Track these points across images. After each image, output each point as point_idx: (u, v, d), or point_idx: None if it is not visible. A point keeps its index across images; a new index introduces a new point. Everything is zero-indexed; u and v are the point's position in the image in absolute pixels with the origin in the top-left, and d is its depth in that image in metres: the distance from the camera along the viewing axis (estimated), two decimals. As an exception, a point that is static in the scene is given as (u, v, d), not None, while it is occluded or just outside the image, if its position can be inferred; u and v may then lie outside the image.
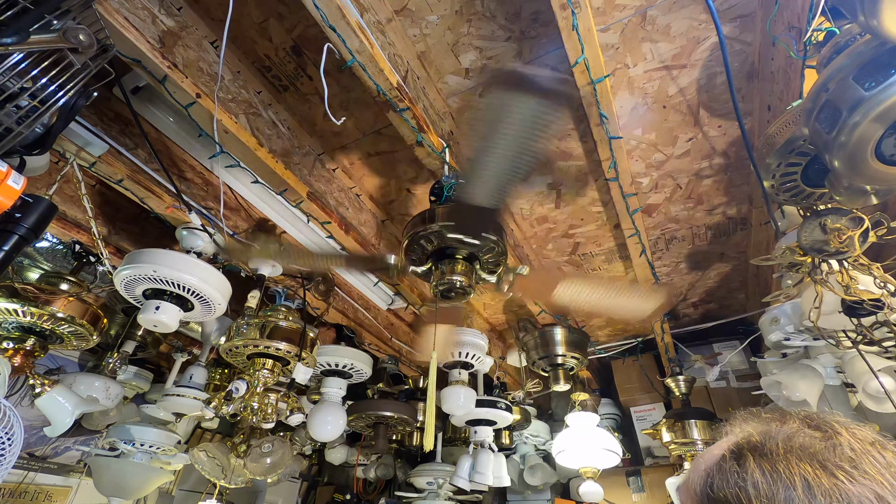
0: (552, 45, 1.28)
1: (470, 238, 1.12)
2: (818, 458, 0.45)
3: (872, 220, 0.96)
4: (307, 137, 1.61)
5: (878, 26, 0.61)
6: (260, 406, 1.63)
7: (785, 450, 0.47)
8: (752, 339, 2.37)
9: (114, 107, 1.32)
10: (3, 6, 0.69)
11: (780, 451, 0.47)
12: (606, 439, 2.23)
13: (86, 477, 2.29)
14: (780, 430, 0.50)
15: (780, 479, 0.45)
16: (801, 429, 0.49)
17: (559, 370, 2.26)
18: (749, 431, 0.52)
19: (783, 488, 0.44)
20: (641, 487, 2.69)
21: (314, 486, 3.54)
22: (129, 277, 1.29)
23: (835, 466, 0.44)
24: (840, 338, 1.27)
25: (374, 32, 1.15)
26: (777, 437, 0.49)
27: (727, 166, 1.67)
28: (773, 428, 0.51)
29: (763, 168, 0.98)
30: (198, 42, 1.23)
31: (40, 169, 1.19)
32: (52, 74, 0.77)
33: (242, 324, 1.59)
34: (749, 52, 1.30)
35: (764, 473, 0.46)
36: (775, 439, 0.49)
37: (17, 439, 1.01)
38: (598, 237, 2.06)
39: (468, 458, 2.24)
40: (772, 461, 0.47)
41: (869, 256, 1.03)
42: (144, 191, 1.37)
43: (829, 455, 0.45)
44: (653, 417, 2.87)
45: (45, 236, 1.60)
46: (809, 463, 0.45)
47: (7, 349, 1.38)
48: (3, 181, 0.78)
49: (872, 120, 0.64)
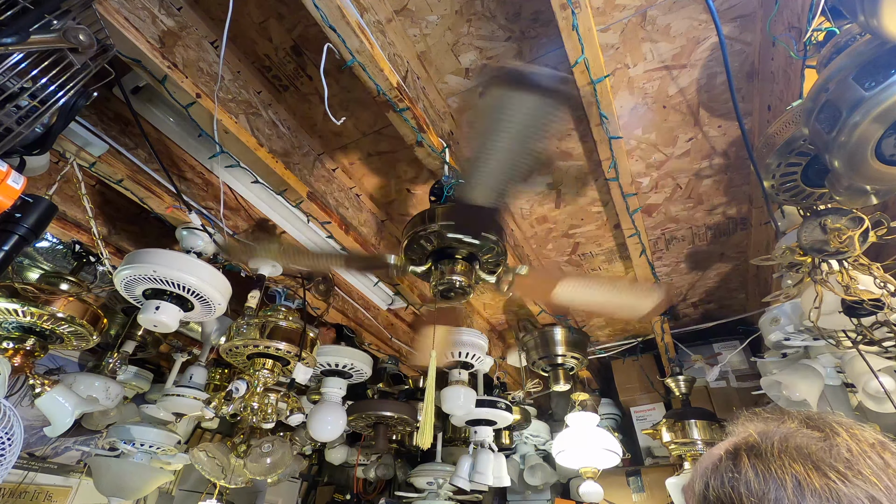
0: (552, 45, 1.28)
1: (469, 238, 1.12)
2: (812, 459, 0.45)
3: (872, 220, 0.96)
4: (307, 137, 1.61)
5: (878, 26, 0.61)
6: (260, 406, 1.63)
7: (780, 450, 0.47)
8: (752, 339, 2.37)
9: (114, 107, 1.32)
10: (3, 6, 0.69)
11: (775, 451, 0.47)
12: (606, 439, 2.23)
13: (86, 477, 2.29)
14: (777, 430, 0.50)
15: (771, 478, 0.45)
16: (799, 429, 0.49)
17: (559, 370, 2.26)
18: (749, 431, 0.52)
19: (773, 488, 0.44)
20: (641, 487, 2.69)
21: (314, 486, 3.54)
22: (129, 277, 1.29)
23: (828, 467, 0.44)
24: (840, 338, 1.27)
25: (374, 32, 1.15)
26: (773, 437, 0.49)
27: (727, 166, 1.67)
28: (771, 428, 0.51)
29: (763, 168, 0.98)
30: (198, 42, 1.23)
31: (40, 169, 1.19)
32: (52, 74, 0.77)
33: (242, 324, 1.59)
34: (749, 52, 1.30)
35: (757, 473, 0.46)
36: (771, 439, 0.49)
37: (17, 439, 1.01)
38: (598, 237, 2.06)
39: (468, 458, 2.24)
40: (765, 461, 0.47)
41: (869, 256, 1.03)
42: (144, 191, 1.37)
43: (823, 456, 0.45)
44: (653, 417, 2.87)
45: (45, 236, 1.60)
46: (802, 463, 0.45)
47: (7, 349, 1.38)
48: (3, 181, 0.78)
49: (872, 120, 0.64)
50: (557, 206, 1.90)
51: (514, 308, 2.57)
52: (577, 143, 1.59)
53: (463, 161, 1.32)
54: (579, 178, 1.75)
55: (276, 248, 1.38)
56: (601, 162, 1.48)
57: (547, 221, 1.99)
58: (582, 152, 1.63)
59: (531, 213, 1.95)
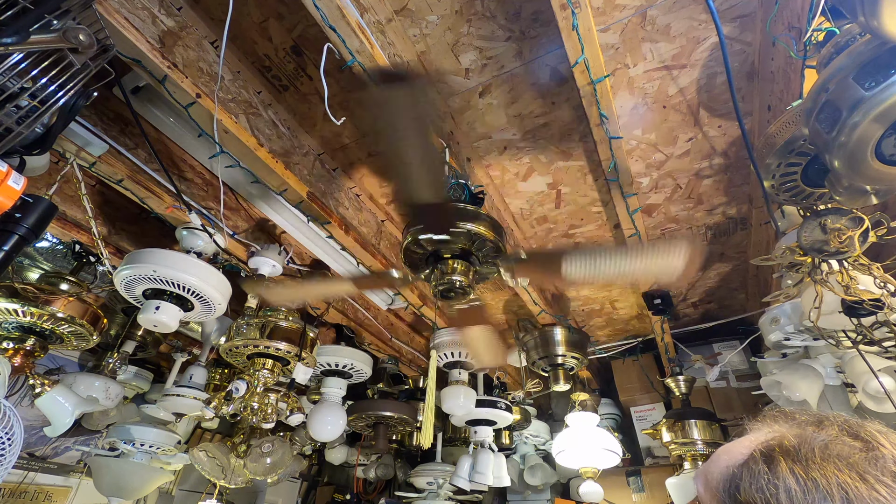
0: (552, 45, 1.28)
1: (438, 235, 1.12)
2: (857, 470, 0.42)
3: (872, 220, 0.96)
4: (307, 137, 1.61)
5: (878, 26, 0.61)
6: (260, 406, 1.63)
7: (822, 458, 0.44)
8: (752, 339, 2.37)
9: (114, 107, 1.32)
10: (3, 6, 0.69)
11: (817, 458, 0.44)
12: (606, 439, 2.23)
13: (86, 477, 2.29)
14: (816, 436, 0.47)
15: (816, 488, 0.42)
16: (839, 436, 0.47)
17: (559, 370, 2.26)
18: (781, 433, 0.50)
19: (820, 499, 0.41)
20: (641, 487, 2.69)
21: (314, 486, 3.54)
22: (129, 277, 1.29)
23: (875, 480, 0.41)
24: (840, 338, 1.27)
25: (374, 32, 1.15)
26: (814, 444, 0.46)
27: (727, 166, 1.67)
28: (809, 433, 0.48)
29: (763, 168, 0.98)
30: (198, 42, 1.23)
31: (40, 169, 1.19)
32: (52, 74, 0.77)
33: (242, 324, 1.59)
34: (749, 52, 1.30)
35: (798, 481, 0.43)
36: (811, 445, 0.46)
37: (17, 439, 1.01)
38: (598, 237, 2.06)
39: (468, 458, 2.24)
40: (806, 468, 0.44)
41: (869, 256, 1.03)
42: (144, 191, 1.37)
43: (868, 467, 0.43)
44: (653, 417, 2.87)
45: (45, 236, 1.60)
46: (849, 474, 0.42)
47: (7, 349, 1.38)
48: (4, 181, 0.78)
49: (872, 120, 0.64)
50: (557, 206, 1.90)
51: (514, 308, 2.57)
52: (578, 143, 1.59)
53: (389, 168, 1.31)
54: (579, 177, 1.75)
55: (297, 289, 1.38)
56: (601, 162, 1.48)
57: (547, 221, 1.99)
58: (582, 152, 1.63)
59: (531, 213, 1.95)
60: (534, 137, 1.58)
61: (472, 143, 1.61)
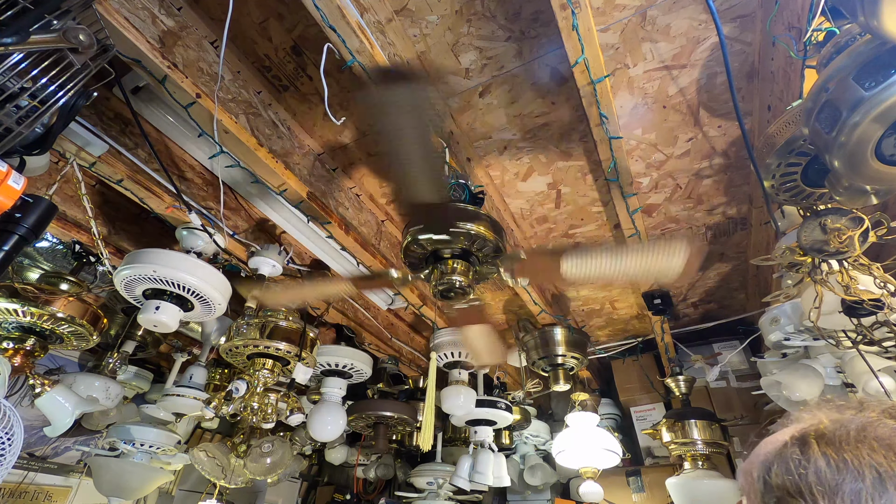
0: (552, 45, 1.28)
1: (438, 235, 1.12)
2: (895, 451, 0.42)
3: (872, 220, 0.96)
4: (307, 137, 1.61)
5: (878, 26, 0.61)
6: (260, 406, 1.63)
7: (856, 439, 0.44)
8: (752, 339, 2.37)
9: (114, 107, 1.32)
10: (3, 6, 0.69)
11: (851, 439, 0.44)
12: (606, 439, 2.23)
13: (86, 477, 2.29)
14: (854, 419, 0.47)
15: (847, 468, 0.42)
16: (880, 419, 0.46)
17: (559, 370, 2.25)
18: (819, 418, 0.49)
19: (850, 479, 0.41)
20: (641, 487, 2.69)
21: (314, 486, 3.54)
22: (129, 277, 1.29)
23: None
24: (840, 338, 1.27)
25: (374, 32, 1.15)
26: (850, 426, 0.46)
27: (727, 166, 1.67)
28: (847, 416, 0.48)
29: (763, 168, 0.98)
30: (198, 42, 1.23)
31: (40, 169, 1.19)
32: (52, 74, 0.76)
33: (242, 324, 1.59)
34: (749, 52, 1.30)
35: (829, 462, 0.43)
36: (847, 427, 0.46)
37: (17, 439, 1.01)
38: (598, 237, 2.06)
39: (468, 458, 2.24)
40: (838, 449, 0.44)
41: (869, 256, 1.03)
42: (144, 191, 1.37)
43: None
44: (653, 417, 2.87)
45: (45, 236, 1.60)
46: (884, 454, 0.41)
47: (7, 349, 1.38)
48: (4, 181, 0.78)
49: (872, 120, 0.64)
50: (557, 206, 1.90)
51: (514, 308, 2.57)
52: (578, 143, 1.59)
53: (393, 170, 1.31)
54: (579, 177, 1.75)
55: (295, 291, 1.39)
56: (601, 162, 1.48)
57: (547, 221, 1.99)
58: (582, 152, 1.63)
59: (531, 213, 1.95)
60: (534, 137, 1.58)
61: (472, 143, 1.61)
